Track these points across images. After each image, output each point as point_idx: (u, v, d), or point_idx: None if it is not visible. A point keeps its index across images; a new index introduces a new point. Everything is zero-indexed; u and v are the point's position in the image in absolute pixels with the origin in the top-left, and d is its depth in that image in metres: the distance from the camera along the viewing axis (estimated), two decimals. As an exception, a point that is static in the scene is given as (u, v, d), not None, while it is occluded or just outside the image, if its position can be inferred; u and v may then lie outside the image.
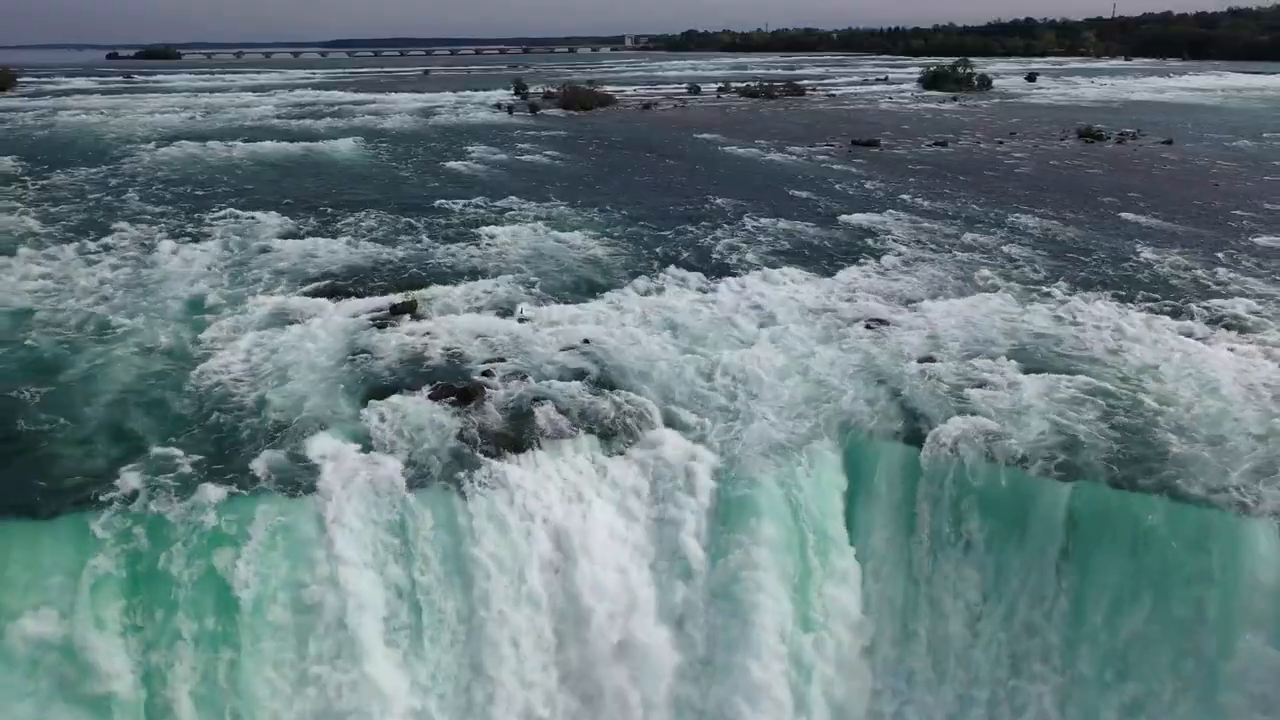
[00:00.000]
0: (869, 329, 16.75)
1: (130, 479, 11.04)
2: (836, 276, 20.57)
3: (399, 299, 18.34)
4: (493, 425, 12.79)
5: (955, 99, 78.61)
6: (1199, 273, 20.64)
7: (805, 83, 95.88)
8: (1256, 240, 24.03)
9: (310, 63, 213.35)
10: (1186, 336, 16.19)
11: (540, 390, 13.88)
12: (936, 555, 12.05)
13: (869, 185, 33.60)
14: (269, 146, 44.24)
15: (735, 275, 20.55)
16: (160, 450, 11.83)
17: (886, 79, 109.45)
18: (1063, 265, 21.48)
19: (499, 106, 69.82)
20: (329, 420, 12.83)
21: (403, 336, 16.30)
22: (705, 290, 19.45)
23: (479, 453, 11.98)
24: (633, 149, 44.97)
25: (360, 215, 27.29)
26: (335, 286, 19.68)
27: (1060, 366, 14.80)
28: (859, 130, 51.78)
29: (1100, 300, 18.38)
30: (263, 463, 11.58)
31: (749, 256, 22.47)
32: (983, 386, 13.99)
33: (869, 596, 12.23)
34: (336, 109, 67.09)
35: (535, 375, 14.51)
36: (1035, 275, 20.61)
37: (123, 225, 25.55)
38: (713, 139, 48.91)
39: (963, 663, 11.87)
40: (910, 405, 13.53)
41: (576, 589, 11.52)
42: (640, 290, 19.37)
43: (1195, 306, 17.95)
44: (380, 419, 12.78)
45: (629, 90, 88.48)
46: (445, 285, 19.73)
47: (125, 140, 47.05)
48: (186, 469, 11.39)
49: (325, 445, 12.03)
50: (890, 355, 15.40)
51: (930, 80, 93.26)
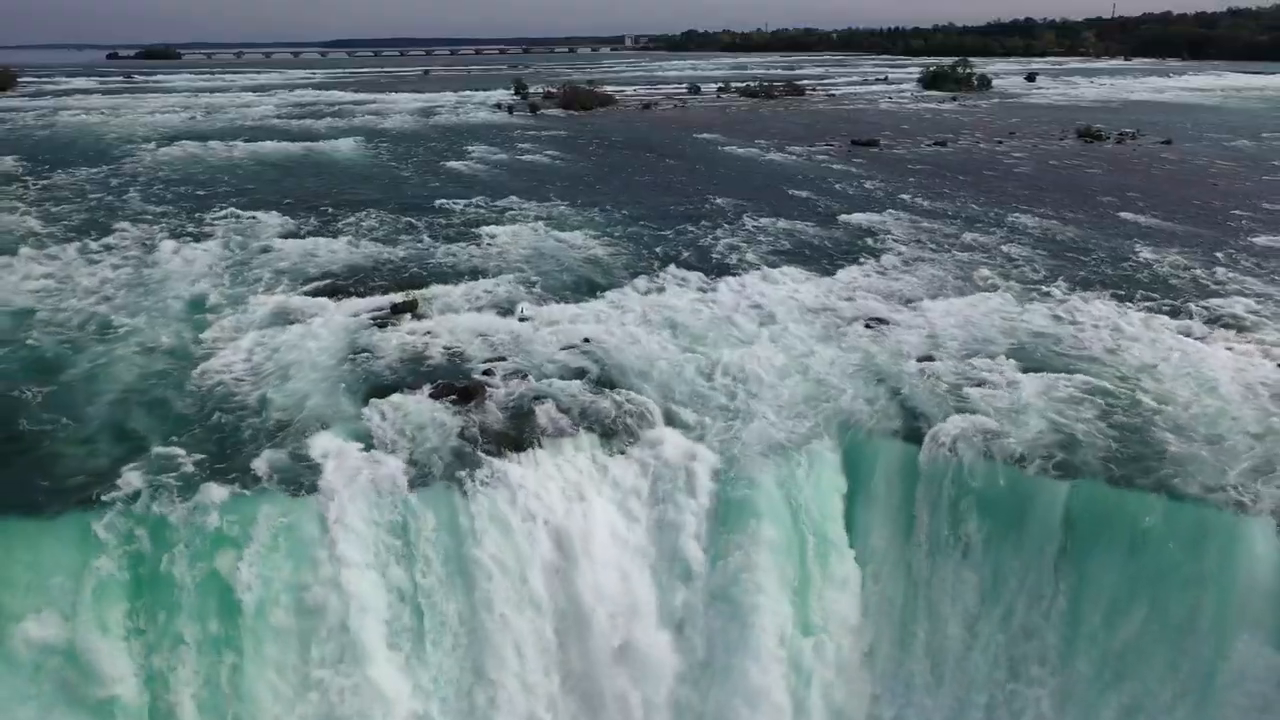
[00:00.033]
0: (868, 328, 16.80)
1: (132, 478, 11.03)
2: (836, 276, 20.62)
3: (400, 298, 18.39)
4: (493, 424, 12.83)
5: (955, 99, 78.63)
6: (1197, 272, 20.69)
7: (805, 83, 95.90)
8: (1255, 240, 24.09)
9: (310, 63, 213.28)
10: (1185, 336, 16.23)
11: (541, 389, 13.92)
12: (935, 558, 12.03)
13: (868, 185, 33.65)
14: (269, 146, 44.27)
15: (735, 275, 20.59)
16: (162, 450, 11.84)
17: (886, 79, 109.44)
18: (1062, 265, 21.54)
19: (499, 106, 69.85)
20: (331, 419, 12.87)
21: (404, 335, 16.35)
22: (705, 289, 19.49)
23: (480, 451, 12.01)
24: (633, 149, 45.01)
25: (361, 215, 27.34)
26: (336, 286, 19.74)
27: (1059, 365, 14.85)
28: (859, 130, 51.81)
29: (1099, 299, 18.43)
30: (265, 462, 11.59)
31: (749, 256, 22.52)
32: (981, 385, 14.04)
33: (868, 600, 12.18)
34: (337, 109, 67.10)
35: (536, 374, 14.55)
36: (1034, 275, 20.66)
37: (124, 225, 25.61)
38: (713, 139, 48.95)
39: (961, 667, 11.86)
40: (909, 404, 13.57)
41: (578, 591, 11.50)
42: (640, 289, 19.42)
43: (1194, 306, 18.00)
44: (381, 417, 12.82)
45: (629, 90, 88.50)
46: (446, 284, 19.77)
47: (126, 140, 47.08)
48: (189, 468, 11.40)
49: (327, 444, 12.03)
50: (889, 354, 15.44)
51: (930, 80, 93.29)
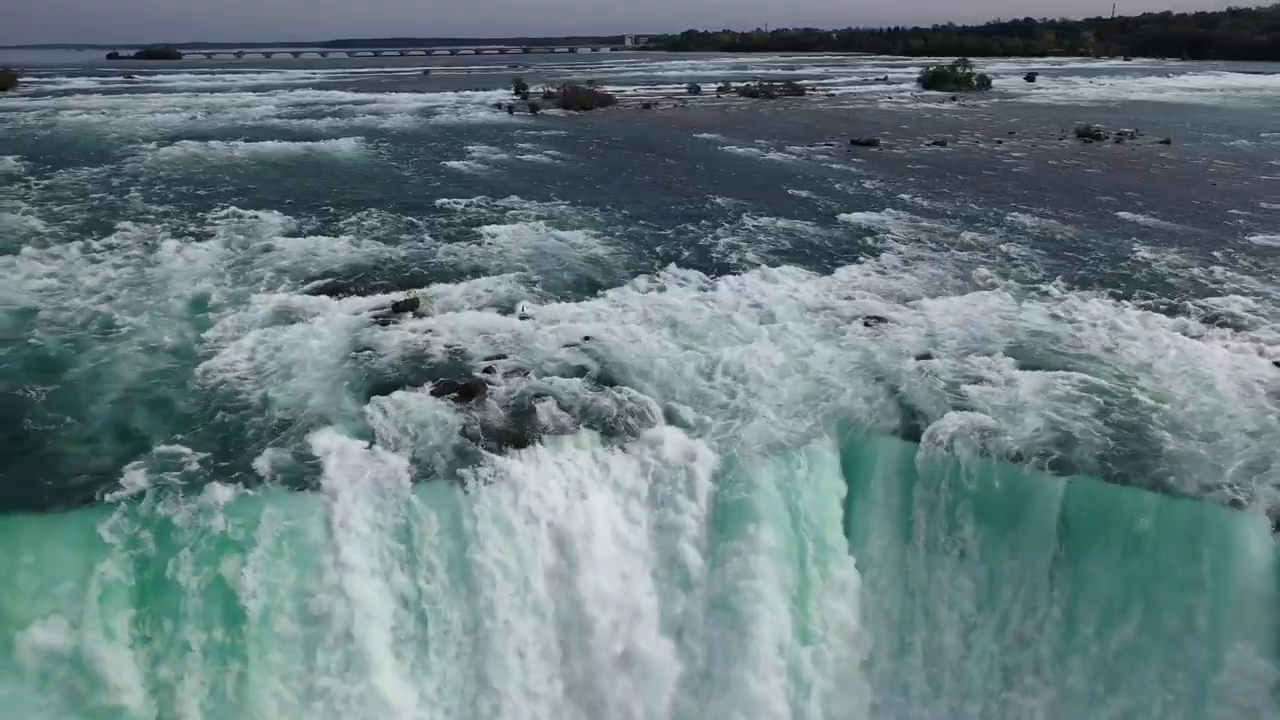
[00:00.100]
0: (867, 326, 16.88)
1: (136, 478, 11.01)
2: (835, 275, 20.70)
3: (401, 297, 18.47)
4: (495, 421, 12.90)
5: (954, 99, 78.68)
6: (1195, 271, 20.77)
7: (805, 83, 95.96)
8: (1253, 239, 24.17)
9: (310, 63, 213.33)
10: (1182, 334, 16.30)
11: (542, 387, 14.00)
12: (932, 563, 11.98)
13: (868, 184, 33.72)
14: (270, 146, 44.34)
15: (735, 274, 20.67)
16: (166, 449, 11.85)
17: (886, 79, 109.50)
18: (1060, 264, 21.62)
19: (499, 106, 69.92)
20: (333, 417, 12.93)
21: (405, 334, 16.43)
22: (705, 288, 19.58)
23: (481, 449, 12.04)
24: (633, 149, 45.09)
25: (362, 214, 27.41)
26: (338, 285, 19.82)
27: (1056, 364, 14.92)
28: (858, 130, 51.89)
29: (1097, 298, 18.51)
30: (268, 462, 11.60)
31: (749, 255, 22.59)
32: (979, 383, 14.11)
33: (867, 607, 12.14)
34: (337, 109, 67.17)
35: (537, 372, 14.62)
36: (1033, 274, 20.74)
37: (126, 224, 25.69)
38: (713, 139, 49.03)
39: (957, 675, 11.83)
40: (908, 402, 13.64)
41: (580, 596, 11.46)
42: (641, 288, 19.51)
43: (1191, 304, 18.08)
44: (384, 415, 12.88)
45: (629, 90, 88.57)
46: (447, 283, 19.85)
47: (127, 140, 47.16)
48: (193, 467, 11.41)
49: (330, 442, 12.05)
50: (888, 353, 15.52)
51: (929, 80, 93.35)
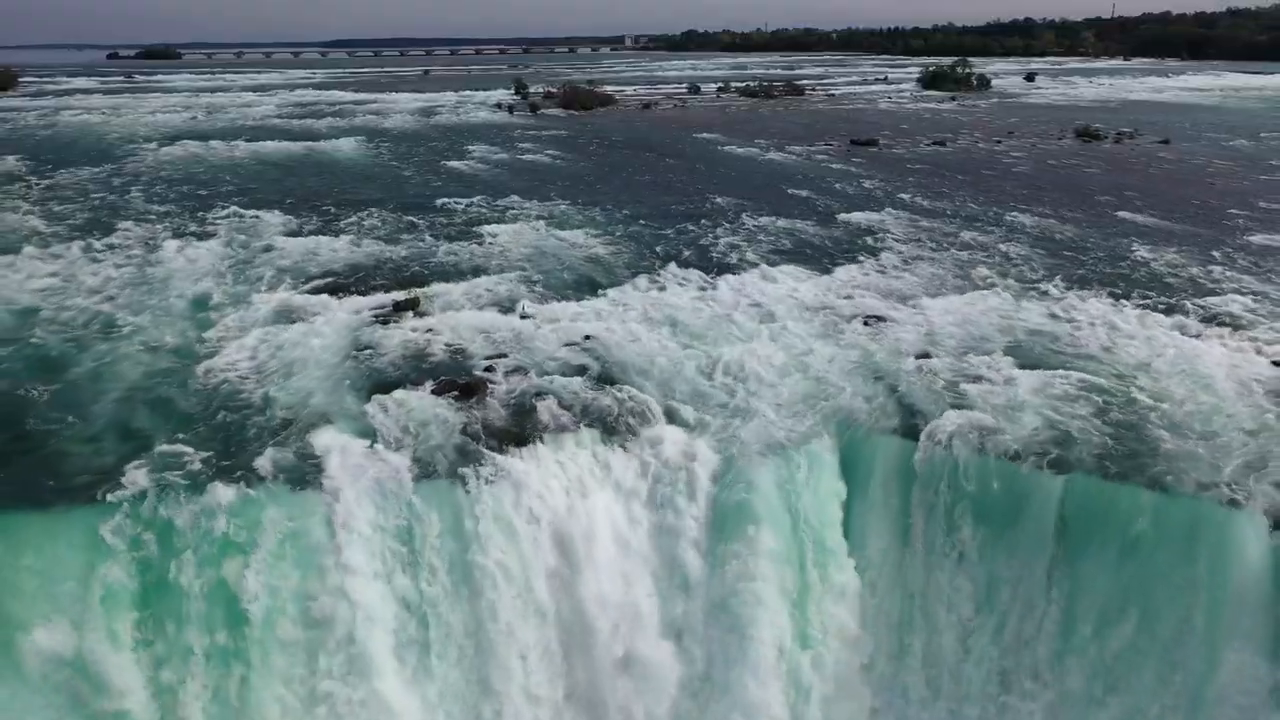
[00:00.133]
0: (867, 326, 16.94)
1: (139, 478, 10.98)
2: (835, 274, 20.75)
3: (402, 296, 18.53)
4: (495, 420, 12.95)
5: (954, 99, 78.73)
6: (1194, 270, 20.82)
7: (805, 82, 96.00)
8: (1251, 238, 24.22)
9: (310, 63, 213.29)
10: (1180, 333, 16.35)
11: (542, 385, 14.05)
12: (930, 566, 11.96)
13: (868, 184, 33.78)
14: (271, 146, 44.41)
15: (735, 273, 20.73)
16: (168, 448, 11.86)
17: (886, 79, 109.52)
18: (1059, 263, 21.67)
19: (499, 106, 69.99)
20: (335, 416, 12.97)
21: (406, 333, 16.48)
22: (705, 288, 19.64)
23: (483, 447, 12.07)
24: (633, 148, 45.14)
25: (363, 214, 27.47)
26: (339, 284, 19.87)
27: (1055, 362, 14.98)
28: (858, 130, 51.94)
29: (1095, 298, 18.56)
30: (270, 461, 11.60)
31: (749, 255, 22.64)
32: (978, 382, 14.16)
33: (866, 611, 12.13)
34: (338, 109, 67.23)
35: (537, 371, 14.67)
36: (1032, 273, 20.79)
37: (127, 224, 25.75)
38: (713, 138, 49.08)
39: (955, 678, 11.84)
40: (907, 401, 13.68)
41: (581, 598, 11.45)
42: (641, 288, 19.56)
43: (1190, 303, 18.13)
44: (385, 413, 12.92)
45: (629, 90, 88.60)
46: (448, 283, 19.90)
47: (128, 140, 47.22)
48: (195, 467, 11.41)
49: (331, 440, 12.09)
50: (887, 352, 15.57)
51: (929, 80, 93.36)
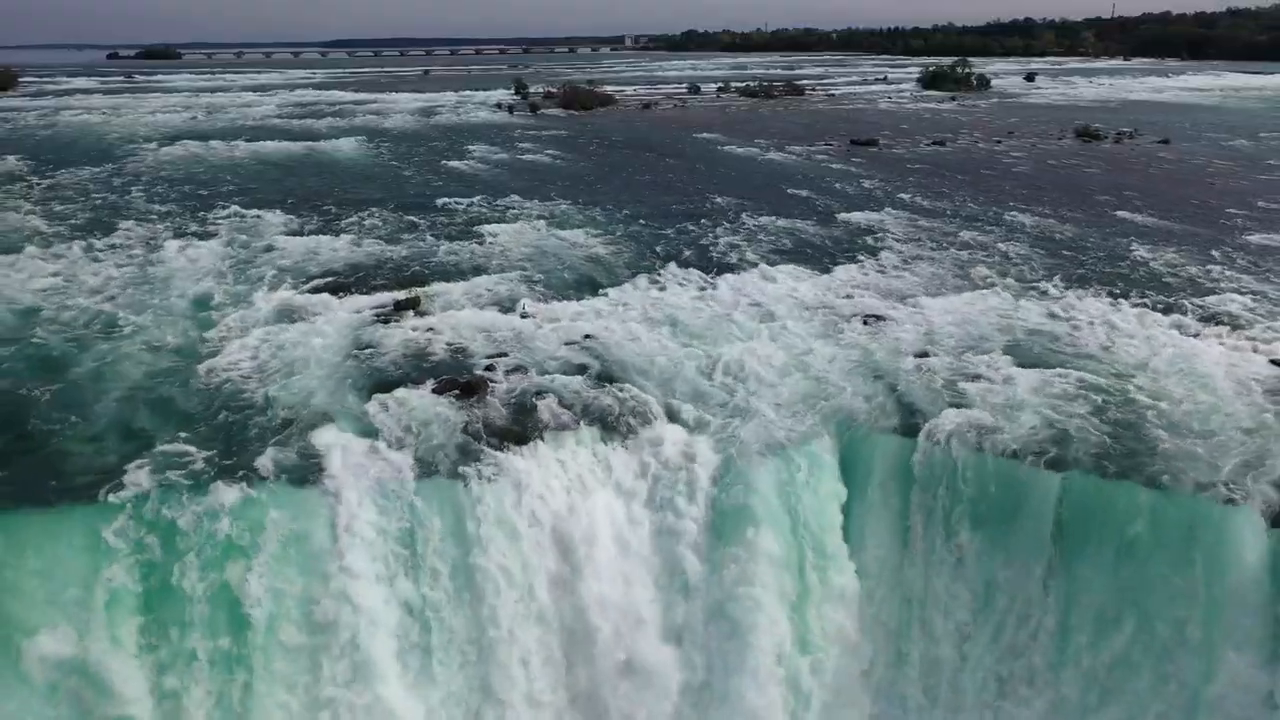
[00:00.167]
0: (866, 325, 16.98)
1: (141, 479, 10.95)
2: (835, 274, 20.79)
3: (403, 295, 18.56)
4: (496, 419, 12.98)
5: (954, 99, 78.74)
6: (1193, 270, 20.86)
7: (805, 82, 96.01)
8: (1250, 238, 24.26)
9: (310, 63, 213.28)
10: (1179, 332, 16.39)
11: (543, 384, 14.08)
12: (929, 571, 11.96)
13: (867, 184, 33.82)
14: (271, 146, 44.43)
15: (735, 273, 20.77)
16: (170, 448, 11.85)
17: (886, 79, 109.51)
18: (1058, 263, 21.71)
19: (499, 106, 69.99)
20: (336, 415, 12.99)
21: (407, 332, 16.52)
22: (705, 287, 19.67)
23: (484, 446, 12.09)
24: (633, 148, 45.18)
25: (363, 213, 27.51)
26: (340, 283, 19.90)
27: (1054, 361, 15.02)
28: (858, 130, 51.97)
29: (1095, 297, 18.60)
30: (272, 461, 11.60)
31: (749, 254, 22.68)
32: (977, 381, 14.20)
33: (866, 616, 12.11)
34: (338, 109, 67.25)
35: (538, 370, 14.71)
36: (1031, 273, 20.83)
37: (128, 224, 25.77)
38: (713, 138, 49.12)
39: (953, 685, 11.83)
40: (906, 400, 13.71)
41: (583, 602, 11.44)
42: (641, 287, 19.59)
43: (1188, 303, 18.17)
44: (386, 413, 12.95)
45: (629, 90, 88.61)
46: (448, 282, 19.94)
47: (128, 140, 47.25)
48: (197, 466, 11.39)
49: (333, 439, 12.09)
50: (887, 351, 15.61)
51: (929, 80, 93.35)
